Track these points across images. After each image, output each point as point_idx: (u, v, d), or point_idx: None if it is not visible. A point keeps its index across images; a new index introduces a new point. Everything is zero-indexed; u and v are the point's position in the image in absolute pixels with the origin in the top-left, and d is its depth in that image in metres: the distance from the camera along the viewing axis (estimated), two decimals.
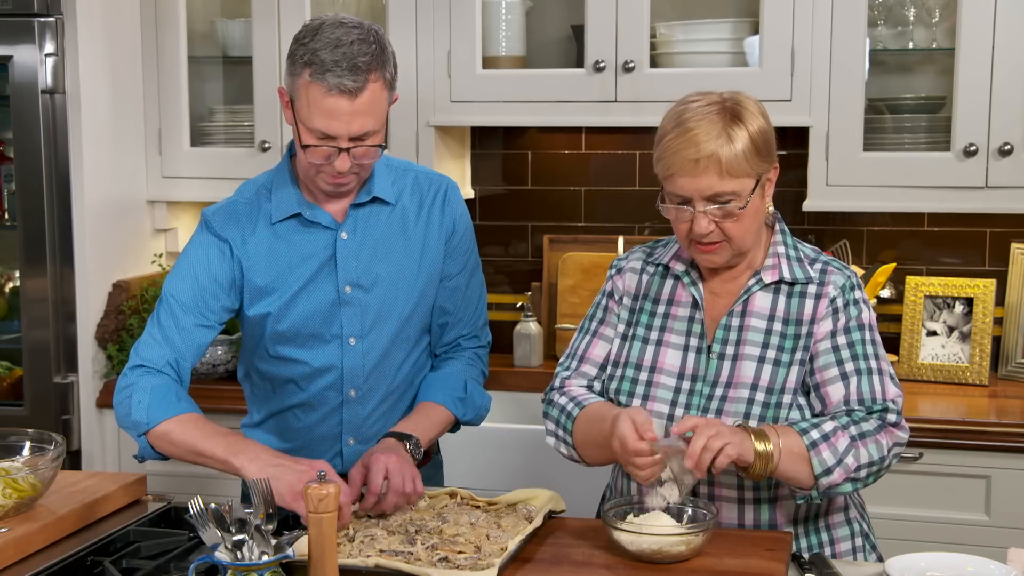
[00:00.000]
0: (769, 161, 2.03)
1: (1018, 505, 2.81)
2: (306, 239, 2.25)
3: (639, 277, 2.20)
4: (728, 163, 1.96)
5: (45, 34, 3.13)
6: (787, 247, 2.12)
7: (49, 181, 3.17)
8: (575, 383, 2.19)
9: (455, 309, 2.39)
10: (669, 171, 2.00)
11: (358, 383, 2.29)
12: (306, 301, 2.24)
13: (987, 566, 1.85)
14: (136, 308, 3.35)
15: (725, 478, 2.05)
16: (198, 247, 2.26)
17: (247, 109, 3.45)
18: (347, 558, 1.83)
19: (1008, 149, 2.96)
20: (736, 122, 1.98)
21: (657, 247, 2.23)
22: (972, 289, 3.19)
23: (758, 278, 2.09)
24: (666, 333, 2.13)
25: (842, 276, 2.08)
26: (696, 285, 2.13)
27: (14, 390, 3.30)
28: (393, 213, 2.29)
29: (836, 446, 1.94)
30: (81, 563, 1.89)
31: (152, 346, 2.19)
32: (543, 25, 3.46)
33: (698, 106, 2.01)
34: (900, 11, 3.17)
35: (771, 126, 2.04)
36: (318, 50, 2.07)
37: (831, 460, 1.93)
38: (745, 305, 2.09)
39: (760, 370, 2.05)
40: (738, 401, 2.04)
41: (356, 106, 2.08)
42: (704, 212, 1.99)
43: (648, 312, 2.16)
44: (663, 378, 2.10)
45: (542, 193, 3.61)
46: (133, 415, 2.11)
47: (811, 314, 2.06)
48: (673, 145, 1.99)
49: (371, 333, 2.27)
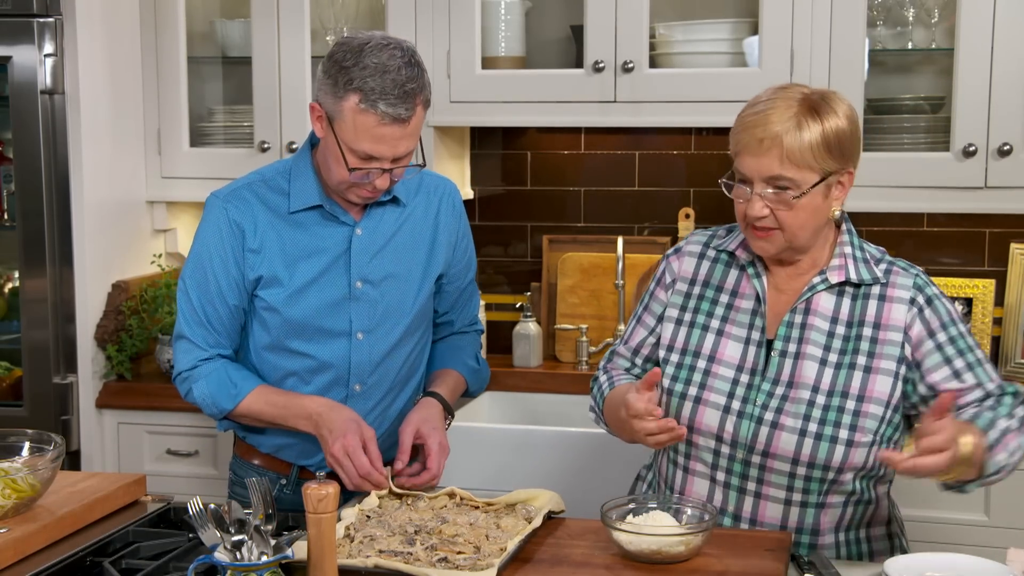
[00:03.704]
0: (842, 163, 2.01)
1: (1018, 505, 2.81)
2: (322, 232, 2.27)
3: (697, 262, 2.19)
4: (791, 149, 1.95)
5: (44, 35, 3.13)
6: (854, 247, 2.10)
7: (48, 181, 3.17)
8: (620, 362, 2.26)
9: (456, 309, 2.49)
10: (737, 147, 2.02)
11: (364, 377, 2.31)
12: (317, 294, 2.26)
13: (986, 566, 1.85)
14: (136, 308, 3.35)
15: (776, 477, 2.04)
16: (213, 231, 2.27)
17: (246, 109, 3.45)
18: (346, 558, 1.83)
19: (1007, 149, 2.96)
20: (813, 114, 1.97)
21: (719, 231, 2.21)
22: (971, 289, 3.19)
23: (824, 277, 2.07)
24: (728, 324, 2.11)
25: (908, 276, 2.08)
26: (760, 278, 2.11)
27: (13, 390, 3.30)
28: (403, 212, 2.33)
29: (1009, 445, 1.91)
30: (80, 563, 1.89)
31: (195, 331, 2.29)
32: (542, 25, 3.46)
33: (783, 92, 2.02)
34: (899, 11, 3.17)
35: (855, 129, 2.03)
36: (366, 77, 2.08)
37: (1005, 459, 1.91)
38: (808, 304, 2.07)
39: (822, 372, 2.03)
40: (798, 402, 2.02)
41: (405, 131, 2.11)
42: (760, 195, 1.99)
43: (710, 300, 2.15)
44: (722, 369, 2.09)
45: (541, 193, 3.61)
46: (207, 410, 2.30)
47: (876, 316, 2.05)
48: (746, 121, 2.00)
49: (379, 328, 2.30)
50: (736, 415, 2.04)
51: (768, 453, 2.02)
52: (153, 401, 3.28)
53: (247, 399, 2.26)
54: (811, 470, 2.02)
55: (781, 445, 2.01)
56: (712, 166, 3.47)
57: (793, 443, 2.01)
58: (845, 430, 2.00)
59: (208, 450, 3.28)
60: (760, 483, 2.05)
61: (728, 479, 2.06)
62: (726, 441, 2.05)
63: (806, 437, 2.00)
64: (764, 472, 2.04)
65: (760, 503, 2.03)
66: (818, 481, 2.03)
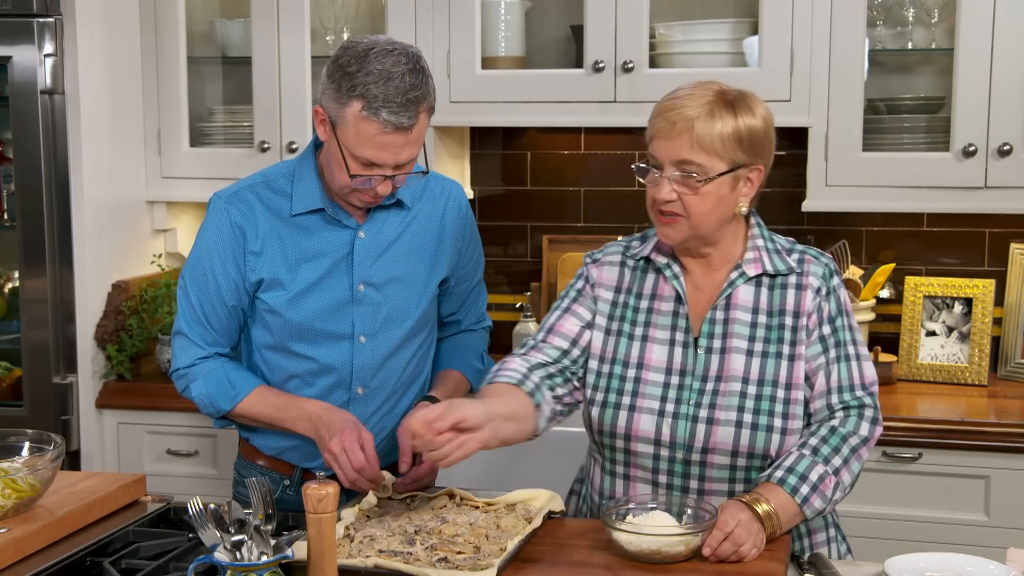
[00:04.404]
0: (751, 158, 2.04)
1: (1017, 505, 2.81)
2: (325, 235, 2.27)
3: (619, 270, 2.20)
4: (700, 135, 1.99)
5: (44, 35, 3.13)
6: (765, 240, 2.14)
7: (48, 181, 3.17)
8: (533, 356, 2.16)
9: (464, 309, 2.50)
10: (651, 132, 2.06)
11: (366, 380, 2.31)
12: (318, 297, 2.26)
13: (986, 566, 1.85)
14: (135, 308, 3.35)
15: (717, 472, 2.06)
16: (214, 232, 2.27)
17: (246, 110, 3.45)
18: (346, 558, 1.83)
19: (1007, 149, 2.96)
20: (728, 107, 2.02)
21: (633, 241, 2.23)
22: (971, 289, 3.19)
23: (741, 271, 2.11)
24: (651, 328, 2.13)
25: (820, 265, 2.12)
26: (678, 279, 2.13)
27: (13, 390, 3.30)
28: (408, 215, 2.32)
29: (825, 493, 1.99)
30: (80, 563, 1.89)
31: (193, 328, 2.29)
32: (542, 25, 3.46)
33: (703, 83, 2.07)
34: (899, 11, 3.17)
35: (768, 130, 2.07)
36: (369, 84, 2.07)
37: (822, 505, 1.99)
38: (729, 299, 2.10)
39: (749, 363, 2.07)
40: (730, 395, 2.05)
41: (408, 139, 2.11)
42: (668, 178, 2.02)
43: (632, 307, 2.16)
44: (651, 374, 2.10)
45: (541, 193, 3.61)
46: (204, 409, 2.31)
47: (795, 305, 2.09)
48: (662, 107, 2.05)
49: (381, 332, 2.30)
50: (671, 417, 2.06)
51: (707, 449, 2.05)
52: (153, 401, 3.28)
53: (246, 400, 2.27)
54: (751, 460, 2.05)
55: (719, 439, 2.04)
56: None
57: (731, 436, 2.04)
58: (778, 418, 2.04)
59: (208, 450, 3.28)
60: (702, 480, 2.07)
61: (670, 480, 2.08)
62: (664, 444, 2.07)
63: (742, 428, 2.04)
64: (705, 468, 2.06)
65: (704, 500, 2.04)
66: (757, 470, 2.06)
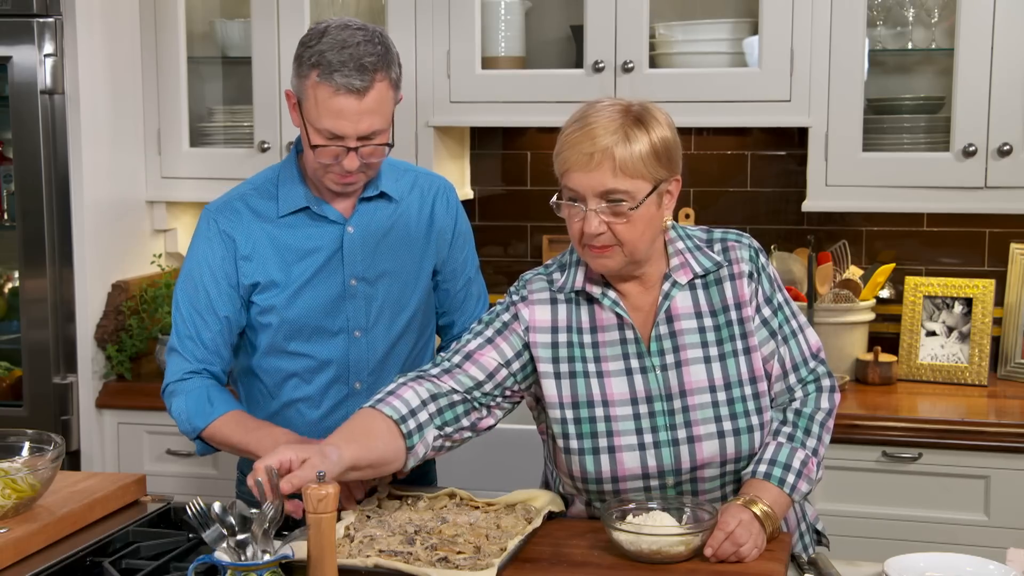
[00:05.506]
0: (670, 171, 1.99)
1: (1017, 505, 2.81)
2: (313, 233, 2.28)
3: (550, 308, 2.08)
4: (623, 161, 1.92)
5: (44, 35, 3.13)
6: (683, 240, 2.09)
7: (48, 181, 3.17)
8: (443, 382, 2.03)
9: (457, 311, 2.47)
10: (565, 166, 1.97)
11: (363, 376, 2.32)
12: (312, 294, 2.27)
13: (986, 566, 1.85)
14: (135, 308, 3.35)
15: (709, 484, 2.05)
16: (204, 244, 2.27)
17: (246, 110, 3.45)
18: (346, 558, 1.83)
19: (1007, 149, 2.96)
20: (638, 125, 1.95)
21: (553, 274, 2.12)
22: (971, 289, 3.19)
23: (672, 281, 2.05)
24: (603, 363, 2.04)
25: (745, 248, 2.10)
26: (619, 304, 2.05)
27: (13, 390, 3.30)
28: (397, 209, 2.33)
29: (810, 476, 2.02)
30: (80, 564, 1.89)
31: (184, 344, 2.25)
32: (542, 25, 3.46)
33: (603, 106, 1.99)
34: (899, 11, 3.17)
35: (676, 138, 2.00)
36: (324, 51, 2.11)
37: (808, 488, 2.03)
38: (668, 312, 2.05)
39: (711, 370, 2.03)
40: (702, 408, 2.02)
41: (363, 105, 2.12)
42: (595, 211, 1.95)
43: (577, 344, 2.06)
44: (618, 409, 2.02)
45: (541, 193, 3.61)
46: (181, 427, 2.24)
47: (734, 297, 2.06)
48: (571, 139, 1.96)
49: (376, 326, 2.31)
50: (653, 447, 2.01)
51: (696, 467, 2.02)
52: (153, 401, 3.27)
53: (220, 419, 2.19)
54: (738, 463, 2.04)
55: (706, 455, 2.01)
56: (712, 166, 3.47)
57: (716, 448, 2.01)
58: (754, 416, 2.03)
59: None
60: (695, 494, 2.06)
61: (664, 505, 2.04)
62: (653, 475, 2.02)
63: (725, 438, 2.01)
64: (697, 483, 2.04)
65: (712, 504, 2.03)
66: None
